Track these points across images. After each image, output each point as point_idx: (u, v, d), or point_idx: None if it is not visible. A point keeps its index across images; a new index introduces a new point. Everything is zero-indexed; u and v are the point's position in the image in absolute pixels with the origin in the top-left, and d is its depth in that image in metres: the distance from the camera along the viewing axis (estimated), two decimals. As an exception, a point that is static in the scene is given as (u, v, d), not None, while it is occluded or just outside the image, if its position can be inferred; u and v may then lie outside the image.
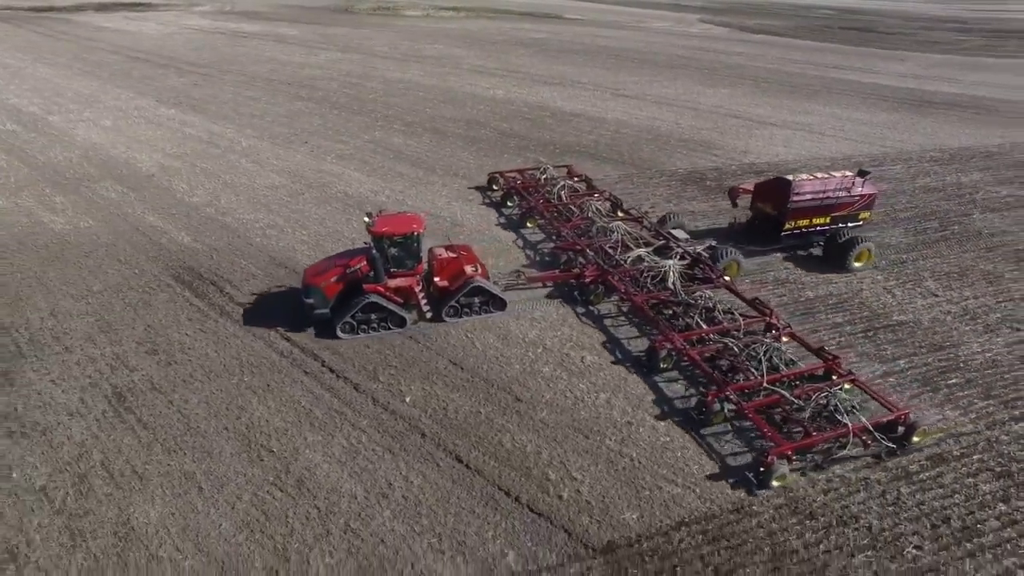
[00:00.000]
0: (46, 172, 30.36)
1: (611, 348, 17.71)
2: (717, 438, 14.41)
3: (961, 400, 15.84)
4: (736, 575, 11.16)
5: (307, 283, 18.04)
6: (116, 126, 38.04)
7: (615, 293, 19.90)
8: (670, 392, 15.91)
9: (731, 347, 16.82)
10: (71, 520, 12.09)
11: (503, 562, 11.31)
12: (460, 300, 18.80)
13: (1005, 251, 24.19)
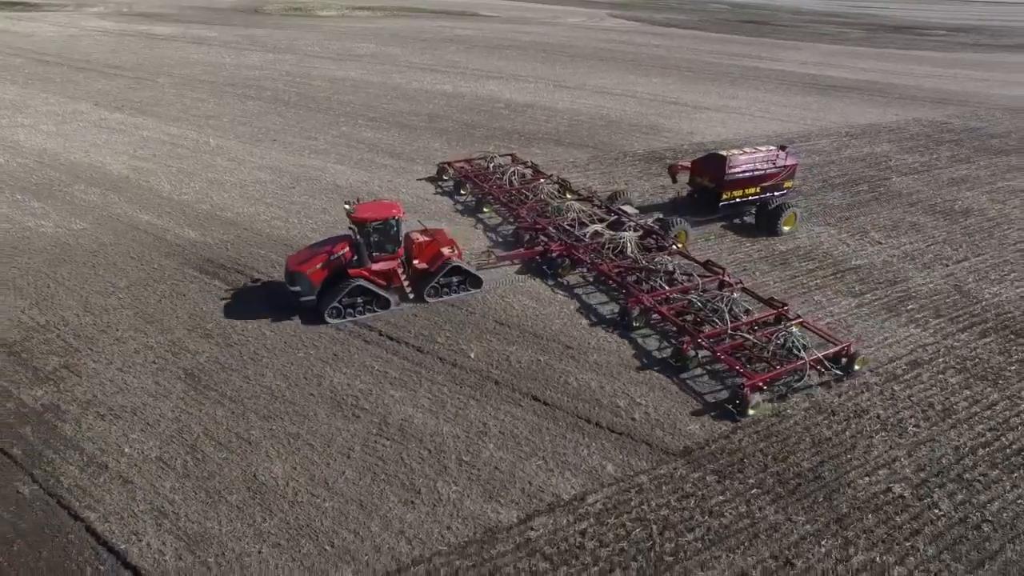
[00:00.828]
0: (5, 179, 29.08)
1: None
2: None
3: (919, 320, 19.36)
4: (791, 459, 13.75)
5: (292, 271, 18.48)
6: (61, 131, 36.47)
7: (581, 265, 21.58)
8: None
9: (695, 302, 18.94)
10: (200, 482, 12.96)
11: (605, 471, 13.31)
12: (440, 280, 19.71)
13: (923, 206, 28.56)
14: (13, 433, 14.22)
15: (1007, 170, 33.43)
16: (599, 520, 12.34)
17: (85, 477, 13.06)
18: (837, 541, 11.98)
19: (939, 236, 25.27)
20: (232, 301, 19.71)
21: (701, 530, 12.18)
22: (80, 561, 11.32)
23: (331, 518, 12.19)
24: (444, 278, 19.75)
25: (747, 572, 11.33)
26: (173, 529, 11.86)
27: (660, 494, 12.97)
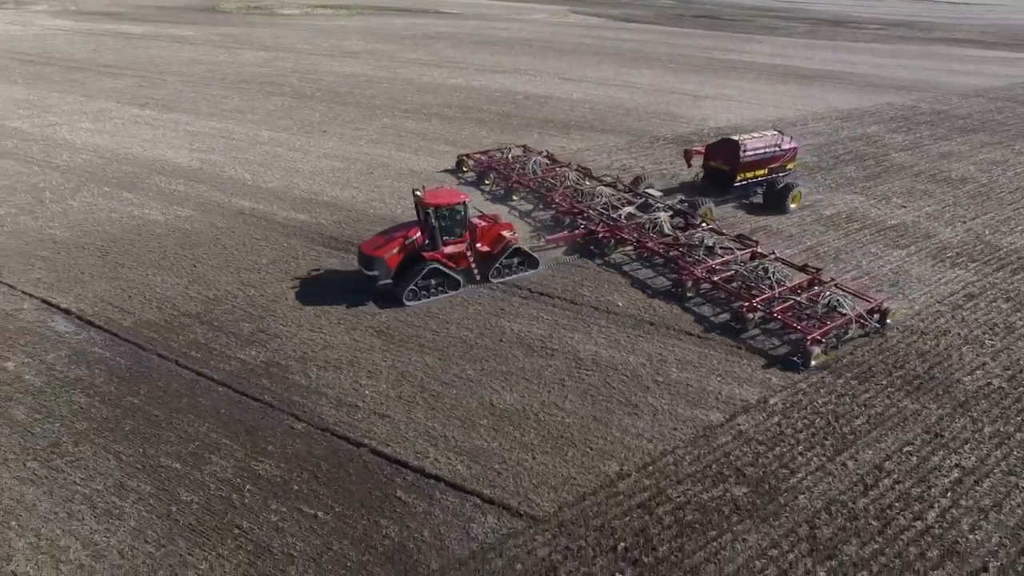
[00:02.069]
0: (82, 175, 29.63)
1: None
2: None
3: (960, 263, 23.38)
4: (906, 366, 17.27)
5: (369, 256, 19.38)
6: (102, 128, 36.74)
7: (624, 244, 23.23)
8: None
9: (741, 272, 20.95)
10: (448, 412, 15.19)
11: (771, 382, 16.39)
12: (502, 261, 20.99)
13: (925, 176, 33.04)
14: (255, 384, 16.03)
15: (981, 145, 38.59)
16: (785, 415, 15.39)
17: (342, 415, 15.07)
18: (966, 420, 15.43)
19: (948, 200, 29.65)
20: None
21: (863, 417, 15.40)
22: (386, 473, 13.45)
23: (577, 430, 14.74)
24: (506, 259, 21.03)
25: (910, 442, 14.63)
26: (449, 448, 14.12)
27: (820, 395, 16.13)
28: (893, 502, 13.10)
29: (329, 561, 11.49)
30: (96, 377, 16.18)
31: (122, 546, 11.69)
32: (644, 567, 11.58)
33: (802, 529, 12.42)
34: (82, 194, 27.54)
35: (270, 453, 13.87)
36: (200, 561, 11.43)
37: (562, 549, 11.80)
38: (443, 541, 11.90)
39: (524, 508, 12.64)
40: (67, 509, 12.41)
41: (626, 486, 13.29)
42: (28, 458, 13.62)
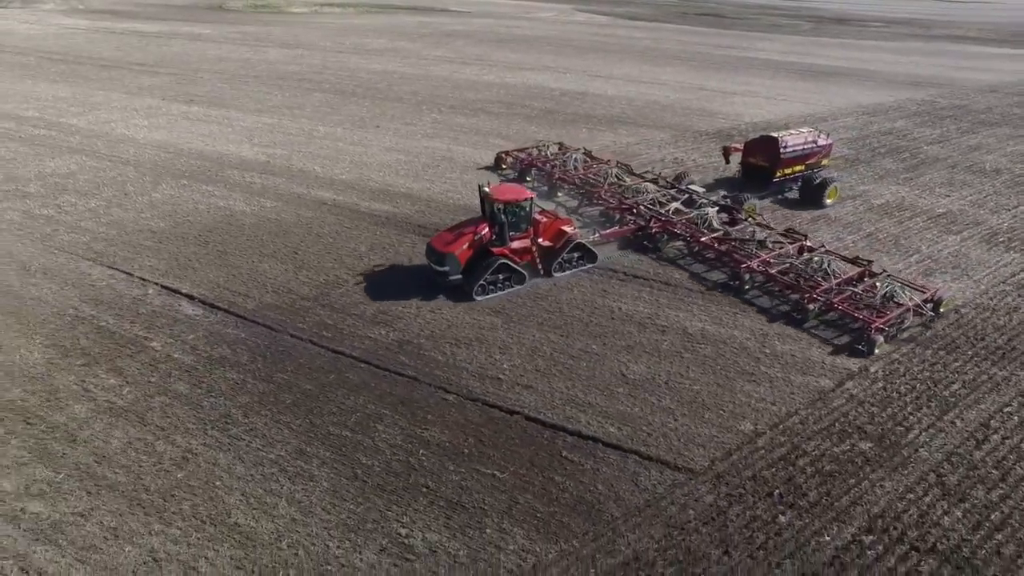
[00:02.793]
0: (154, 169, 30.46)
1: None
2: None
3: (1014, 247, 24.93)
4: (986, 339, 18.66)
5: (441, 252, 19.83)
6: (158, 124, 37.48)
7: (676, 239, 23.81)
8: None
9: (795, 265, 21.53)
10: (587, 382, 16.42)
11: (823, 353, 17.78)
12: (564, 256, 21.42)
13: (960, 168, 34.62)
14: (394, 360, 17.13)
15: (1007, 138, 40.28)
16: (887, 381, 16.77)
17: (488, 386, 16.22)
18: (1054, 384, 16.92)
19: (988, 190, 31.23)
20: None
21: (959, 383, 16.80)
22: (546, 437, 14.63)
23: (707, 395, 16.01)
24: (567, 254, 21.47)
25: (1007, 404, 16.02)
26: (597, 413, 15.32)
27: (915, 364, 17.53)
28: (1007, 454, 14.49)
29: (520, 513, 12.66)
30: (240, 355, 17.22)
31: (323, 503, 12.79)
32: (800, 509, 12.87)
33: (930, 477, 13.78)
34: (162, 187, 28.40)
35: (431, 421, 15.01)
36: (401, 516, 12.53)
37: (725, 496, 13.10)
38: (617, 493, 13.12)
39: (681, 463, 13.90)
40: (260, 472, 13.49)
41: (764, 442, 14.58)
42: (207, 428, 14.67)
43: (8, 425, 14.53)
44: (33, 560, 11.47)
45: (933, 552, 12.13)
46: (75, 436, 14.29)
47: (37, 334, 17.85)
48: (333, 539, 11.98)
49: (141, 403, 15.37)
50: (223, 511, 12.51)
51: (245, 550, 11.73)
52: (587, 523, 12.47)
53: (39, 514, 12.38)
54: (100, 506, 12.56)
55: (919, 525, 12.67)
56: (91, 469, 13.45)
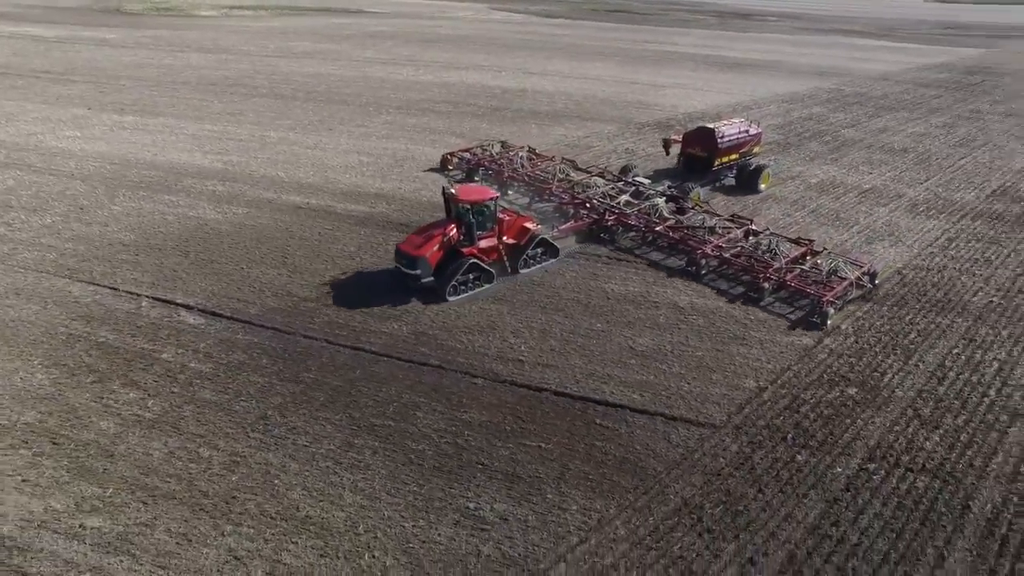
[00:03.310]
0: (105, 181, 29.12)
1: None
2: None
3: (932, 215, 28.29)
4: (928, 294, 21.28)
5: (412, 255, 19.89)
6: (90, 135, 35.62)
7: (632, 230, 24.63)
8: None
9: (745, 248, 22.92)
10: (601, 356, 17.63)
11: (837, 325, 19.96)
12: (528, 252, 21.77)
13: (874, 148, 38.51)
14: (415, 352, 17.65)
15: (906, 121, 45.01)
16: (857, 335, 19.03)
17: (512, 368, 17.06)
18: (986, 328, 19.67)
19: (901, 166, 35.02)
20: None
21: (914, 332, 19.31)
22: (577, 408, 15.69)
23: (710, 359, 17.61)
24: (531, 250, 21.86)
25: (955, 345, 18.57)
26: (617, 383, 16.54)
27: (876, 319, 19.91)
28: (963, 387, 16.92)
29: (572, 477, 13.68)
30: (259, 359, 17.26)
31: (386, 488, 13.31)
32: (812, 448, 14.63)
33: (908, 412, 15.93)
34: (119, 200, 27.24)
35: (467, 405, 15.74)
36: (464, 491, 13.26)
37: (747, 444, 14.66)
38: (654, 450, 14.40)
39: (702, 419, 15.36)
40: (316, 467, 13.81)
41: (768, 395, 16.31)
42: (246, 431, 14.77)
43: (35, 447, 14.06)
44: (110, 571, 11.39)
45: (924, 471, 14.17)
46: (111, 451, 14.04)
47: (32, 355, 17.11)
48: (406, 520, 12.57)
49: (170, 413, 15.23)
50: (290, 506, 12.80)
51: (323, 539, 12.12)
52: (635, 479, 13.68)
53: (100, 528, 12.23)
54: (162, 515, 12.54)
55: (908, 451, 14.72)
56: (139, 481, 13.32)
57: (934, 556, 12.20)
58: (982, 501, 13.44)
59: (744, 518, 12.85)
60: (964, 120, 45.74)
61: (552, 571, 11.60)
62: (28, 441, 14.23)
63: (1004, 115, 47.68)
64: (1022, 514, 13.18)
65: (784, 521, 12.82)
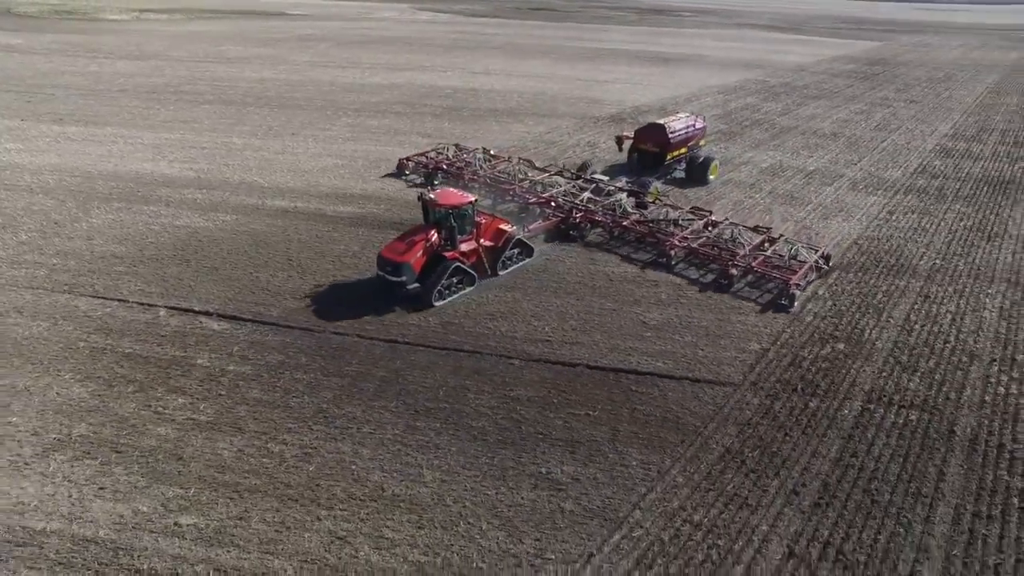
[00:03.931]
0: (75, 195, 28.09)
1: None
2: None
3: (871, 191, 31.61)
4: (883, 260, 24.10)
5: (397, 262, 19.88)
6: (34, 147, 33.97)
7: (598, 226, 25.44)
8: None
9: (711, 238, 24.38)
10: (617, 331, 19.17)
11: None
12: (506, 253, 22.14)
13: (810, 134, 42.07)
14: (447, 339, 18.57)
15: (830, 108, 49.24)
16: (834, 299, 21.46)
17: (543, 348, 18.29)
18: (935, 285, 22.60)
19: (835, 150, 38.60)
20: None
21: (879, 293, 21.96)
22: (611, 379, 17.11)
23: (715, 328, 19.52)
24: (509, 251, 22.26)
25: (915, 302, 21.26)
26: (640, 354, 18.13)
27: (846, 284, 22.45)
28: (928, 336, 19.58)
29: (624, 438, 15.10)
30: (297, 358, 17.68)
31: (460, 464, 14.26)
32: (820, 394, 16.73)
33: (890, 360, 18.36)
34: (95, 212, 26.37)
35: (511, 383, 16.85)
36: (533, 460, 14.40)
37: (766, 397, 16.55)
38: (689, 409, 16.04)
39: (723, 379, 17.17)
40: (387, 451, 14.57)
41: (773, 355, 18.34)
42: (308, 424, 15.30)
43: (100, 456, 14.09)
44: (220, 561, 11.83)
45: (912, 407, 16.52)
46: (179, 455, 14.26)
47: (60, 370, 16.84)
48: (488, 488, 13.60)
49: (226, 414, 15.51)
50: (375, 488, 13.54)
51: (417, 513, 12.97)
52: (679, 435, 15.25)
53: (195, 524, 12.57)
54: (252, 507, 13.00)
55: (897, 391, 17.07)
56: (218, 479, 13.67)
57: (935, 472, 14.46)
58: (963, 426, 15.91)
59: (779, 458, 14.71)
60: (877, 107, 50.58)
61: (630, 518, 13.00)
62: (90, 452, 14.25)
63: (908, 102, 53.02)
64: (992, 433, 15.74)
65: (812, 457, 14.77)
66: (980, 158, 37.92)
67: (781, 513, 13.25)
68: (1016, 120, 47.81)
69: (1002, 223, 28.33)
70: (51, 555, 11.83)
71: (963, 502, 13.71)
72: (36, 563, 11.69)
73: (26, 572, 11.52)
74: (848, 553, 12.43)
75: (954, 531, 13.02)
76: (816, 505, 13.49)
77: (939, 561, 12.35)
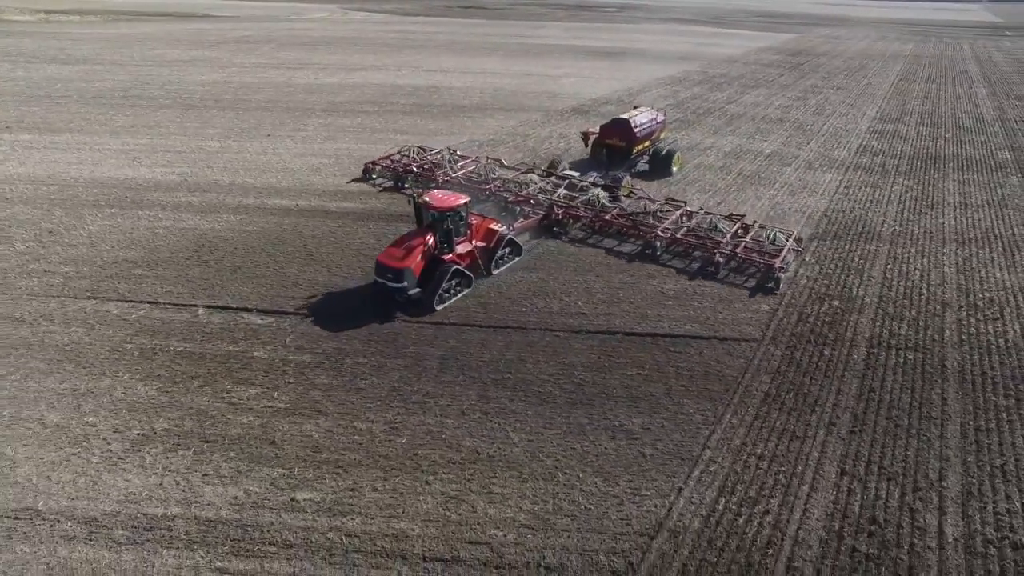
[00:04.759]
0: (61, 203, 27.27)
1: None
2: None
3: (827, 169, 34.77)
4: (852, 228, 26.92)
5: (397, 268, 19.51)
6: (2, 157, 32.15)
7: (579, 221, 25.88)
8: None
9: (692, 229, 25.19)
10: (627, 303, 20.66)
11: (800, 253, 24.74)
12: (498, 252, 22.12)
13: (757, 120, 45.34)
14: (490, 319, 19.66)
15: (770, 95, 53.05)
16: (820, 264, 23.95)
17: (579, 320, 19.73)
18: (900, 247, 25.59)
19: (784, 133, 41.91)
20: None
21: (856, 257, 24.68)
22: (647, 342, 18.67)
23: (726, 294, 21.59)
24: (500, 250, 22.30)
25: (887, 263, 24.03)
26: (669, 319, 19.89)
27: (826, 250, 25.02)
28: (905, 291, 22.36)
29: (677, 391, 16.76)
30: (353, 343, 18.34)
31: (538, 424, 15.47)
32: (830, 345, 18.98)
33: (879, 312, 20.94)
34: (89, 219, 25.71)
35: (563, 352, 18.20)
36: (603, 415, 15.81)
37: (787, 348, 18.65)
38: (725, 363, 17.92)
39: (746, 336, 19.18)
40: (469, 419, 15.58)
41: (782, 313, 20.56)
42: (386, 403, 16.09)
43: (192, 446, 14.42)
44: (348, 528, 12.57)
45: (907, 348, 19.05)
46: (270, 439, 14.77)
47: (117, 372, 16.84)
48: (573, 443, 14.90)
49: (302, 400, 16.06)
50: (471, 451, 14.57)
51: (516, 470, 14.10)
52: (722, 385, 17.05)
53: (312, 499, 13.22)
54: (360, 480, 13.75)
55: (892, 337, 19.59)
56: (316, 458, 14.30)
57: (939, 399, 16.91)
58: (951, 361, 18.54)
59: (811, 398, 16.76)
60: (810, 94, 54.88)
61: (702, 456, 14.64)
62: (179, 443, 14.56)
63: (836, 89, 57.76)
64: (975, 365, 18.42)
65: (838, 395, 16.91)
66: (907, 138, 42.28)
67: (826, 441, 15.28)
68: (927, 103, 53.20)
69: (939, 193, 32.12)
70: (182, 536, 12.28)
71: (966, 420, 16.20)
72: (170, 543, 12.11)
73: (164, 552, 11.95)
74: (887, 467, 14.58)
75: (964, 443, 15.44)
76: (852, 432, 15.61)
77: (959, 466, 14.68)
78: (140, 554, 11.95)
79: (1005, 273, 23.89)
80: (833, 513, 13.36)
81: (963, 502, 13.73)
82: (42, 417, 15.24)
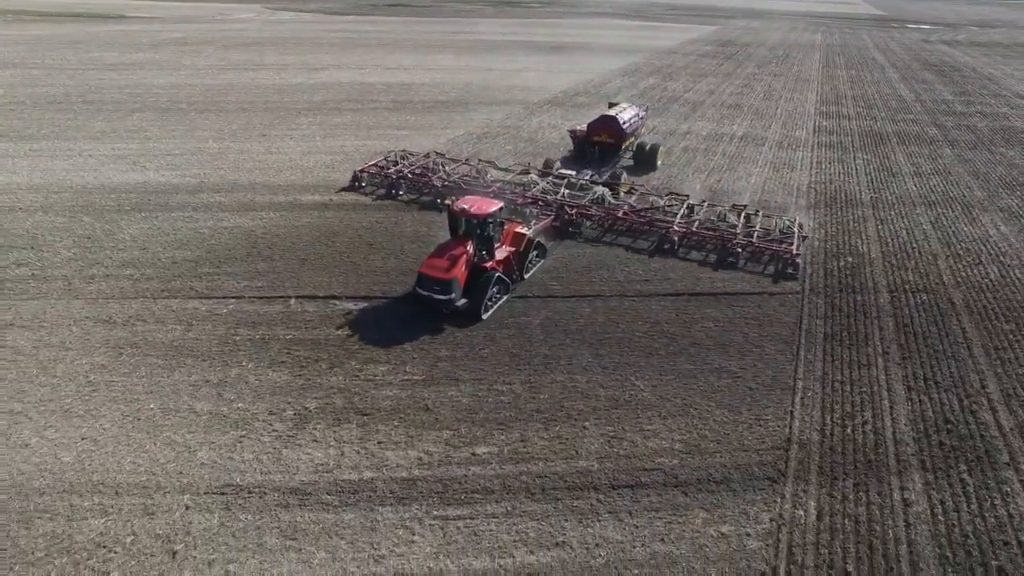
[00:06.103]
0: (86, 210, 26.58)
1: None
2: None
3: (800, 148, 38.47)
4: (841, 198, 30.58)
5: (444, 280, 19.20)
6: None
7: (591, 220, 26.13)
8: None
9: (703, 221, 26.03)
10: (676, 272, 22.97)
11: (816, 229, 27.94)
12: (528, 255, 22.10)
13: (718, 106, 48.97)
14: (568, 289, 21.31)
15: (721, 84, 57.20)
16: (826, 228, 27.08)
17: (641, 288, 21.82)
18: (882, 212, 29.25)
19: (747, 117, 45.82)
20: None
21: (851, 220, 28.20)
22: (700, 301, 20.96)
23: (757, 258, 24.07)
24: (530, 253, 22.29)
25: (878, 226, 27.60)
26: (714, 283, 22.37)
27: (828, 218, 28.34)
28: (900, 245, 26.04)
29: (754, 336, 19.28)
30: (451, 320, 19.48)
31: (655, 372, 17.46)
32: (858, 292, 22.09)
33: (887, 264, 24.36)
34: (122, 224, 25.29)
35: (645, 313, 20.31)
36: (702, 361, 18.00)
37: (826, 297, 21.68)
38: (781, 311, 20.66)
39: (788, 291, 22.01)
40: (594, 375, 17.30)
41: (812, 270, 23.53)
42: (512, 366, 17.55)
43: (353, 420, 15.38)
44: (534, 472, 14.06)
45: (919, 291, 22.51)
46: (423, 406, 15.92)
47: (240, 362, 17.36)
48: (691, 385, 17.01)
49: (434, 371, 17.24)
50: (609, 399, 16.36)
51: (653, 410, 16.02)
52: (787, 329, 19.73)
53: (491, 451, 14.57)
54: (527, 431, 15.19)
55: (904, 283, 23.03)
56: (475, 417, 15.61)
57: (958, 328, 20.32)
58: (957, 298, 22.12)
59: (860, 335, 19.74)
60: (754, 81, 59.61)
61: (798, 384, 17.15)
62: (340, 419, 15.50)
63: (774, 75, 62.89)
64: (977, 300, 22.05)
65: (881, 331, 19.98)
66: (850, 118, 47.30)
67: (887, 366, 18.23)
68: (856, 87, 59.16)
69: (896, 164, 36.66)
70: (388, 495, 13.37)
71: (985, 343, 19.64)
72: (382, 502, 13.19)
73: (381, 508, 13.02)
74: (940, 382, 17.64)
75: (990, 360, 18.81)
76: (903, 358, 18.65)
77: (992, 377, 17.97)
78: (359, 513, 12.99)
79: (970, 227, 28.17)
80: (915, 419, 16.23)
81: (1006, 402, 16.97)
82: (192, 407, 15.71)
